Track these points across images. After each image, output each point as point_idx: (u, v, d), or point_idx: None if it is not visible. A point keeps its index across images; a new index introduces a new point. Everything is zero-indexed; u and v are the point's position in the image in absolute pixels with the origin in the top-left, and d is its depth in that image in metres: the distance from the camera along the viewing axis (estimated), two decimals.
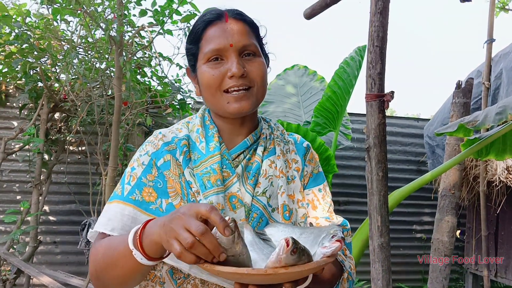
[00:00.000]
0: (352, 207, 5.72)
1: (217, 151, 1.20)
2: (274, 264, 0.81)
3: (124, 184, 1.19)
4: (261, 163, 1.24)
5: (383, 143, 2.16)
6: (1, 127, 4.92)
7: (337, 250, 0.88)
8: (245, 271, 0.82)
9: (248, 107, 1.18)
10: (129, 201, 1.14)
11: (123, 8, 3.34)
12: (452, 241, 3.26)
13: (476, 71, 4.75)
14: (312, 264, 0.84)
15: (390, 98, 2.19)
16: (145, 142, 1.28)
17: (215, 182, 1.15)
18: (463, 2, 2.66)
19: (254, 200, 1.19)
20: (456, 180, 3.26)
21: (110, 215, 1.14)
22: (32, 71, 4.20)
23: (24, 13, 4.15)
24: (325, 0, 2.69)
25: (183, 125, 1.30)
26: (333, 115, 3.77)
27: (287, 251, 0.80)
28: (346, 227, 1.32)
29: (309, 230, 1.01)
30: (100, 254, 1.08)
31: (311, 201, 1.29)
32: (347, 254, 1.28)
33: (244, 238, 0.98)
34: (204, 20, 1.21)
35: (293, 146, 1.34)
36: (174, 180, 1.17)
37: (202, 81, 1.20)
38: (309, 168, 1.33)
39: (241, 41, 1.18)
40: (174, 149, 1.21)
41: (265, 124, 1.34)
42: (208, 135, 1.24)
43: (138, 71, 4.30)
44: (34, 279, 4.13)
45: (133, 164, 1.22)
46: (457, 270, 6.07)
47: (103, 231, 1.13)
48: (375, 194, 2.19)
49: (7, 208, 4.61)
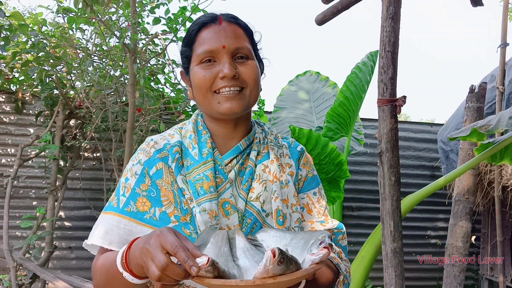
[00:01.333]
0: (365, 213, 5.70)
1: (210, 158, 1.19)
2: (262, 275, 0.81)
3: (120, 196, 1.19)
4: (254, 168, 1.23)
5: (395, 148, 2.16)
6: (17, 134, 4.99)
7: (325, 257, 0.87)
8: (233, 283, 0.82)
9: (239, 108, 1.17)
10: (124, 213, 1.15)
11: (137, 16, 3.38)
12: (467, 246, 3.24)
13: (490, 75, 4.71)
14: (300, 272, 0.84)
15: (402, 103, 2.19)
16: (138, 149, 1.27)
17: (208, 189, 1.14)
18: (476, 6, 2.66)
19: (247, 206, 1.19)
20: (470, 185, 3.24)
21: (107, 228, 1.15)
22: (48, 78, 4.27)
23: (40, 22, 4.23)
24: (336, 6, 2.71)
25: (175, 130, 1.29)
26: (345, 120, 3.77)
27: (273, 262, 0.79)
28: (341, 230, 1.32)
29: (300, 236, 1.00)
30: (98, 274, 1.10)
31: (306, 204, 1.29)
32: (342, 257, 1.28)
33: (236, 246, 0.99)
34: (198, 22, 1.21)
35: (287, 150, 1.32)
36: (166, 189, 1.17)
37: (194, 82, 1.20)
38: (303, 172, 1.32)
39: (234, 43, 1.18)
40: (166, 156, 1.20)
41: (259, 128, 1.33)
42: (201, 140, 1.23)
43: (152, 78, 4.34)
44: (49, 284, 4.17)
45: (127, 174, 1.22)
46: (472, 276, 6.00)
47: (101, 245, 1.15)
48: (388, 199, 2.19)
49: (23, 214, 4.67)
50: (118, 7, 3.97)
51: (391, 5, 2.13)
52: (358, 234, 5.56)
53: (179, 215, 1.14)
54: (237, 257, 0.96)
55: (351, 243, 5.60)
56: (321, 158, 3.44)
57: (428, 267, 5.84)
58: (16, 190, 4.96)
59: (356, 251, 3.48)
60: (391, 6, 2.13)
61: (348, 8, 2.67)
